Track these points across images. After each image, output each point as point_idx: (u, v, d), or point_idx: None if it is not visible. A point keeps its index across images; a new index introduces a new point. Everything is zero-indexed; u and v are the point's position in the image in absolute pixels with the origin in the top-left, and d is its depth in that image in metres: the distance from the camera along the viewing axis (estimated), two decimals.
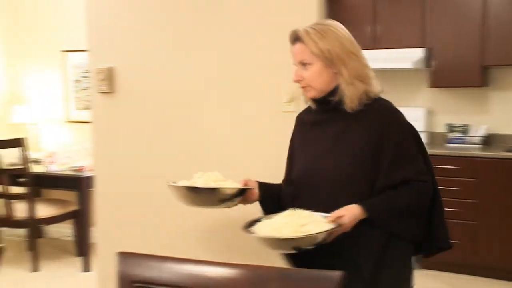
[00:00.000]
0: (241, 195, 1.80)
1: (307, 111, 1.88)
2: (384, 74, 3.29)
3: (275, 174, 1.93)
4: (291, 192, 1.83)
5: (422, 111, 4.53)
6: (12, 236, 4.69)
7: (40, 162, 4.52)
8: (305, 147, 1.84)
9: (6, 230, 4.45)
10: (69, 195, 4.42)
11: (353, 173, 1.71)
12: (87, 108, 4.71)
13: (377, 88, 1.78)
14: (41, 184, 4.33)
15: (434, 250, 1.85)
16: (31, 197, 4.11)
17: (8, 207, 4.16)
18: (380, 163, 1.70)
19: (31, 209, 4.08)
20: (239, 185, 1.80)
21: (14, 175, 4.18)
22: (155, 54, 2.68)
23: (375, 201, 1.70)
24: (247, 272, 1.14)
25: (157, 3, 2.52)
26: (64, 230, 4.87)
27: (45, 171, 4.34)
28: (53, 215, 4.24)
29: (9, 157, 4.24)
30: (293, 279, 1.11)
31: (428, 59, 4.28)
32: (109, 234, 2.92)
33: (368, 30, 4.36)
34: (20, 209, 4.14)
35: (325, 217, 1.63)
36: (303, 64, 1.75)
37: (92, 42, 2.79)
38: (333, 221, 1.60)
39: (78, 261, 4.23)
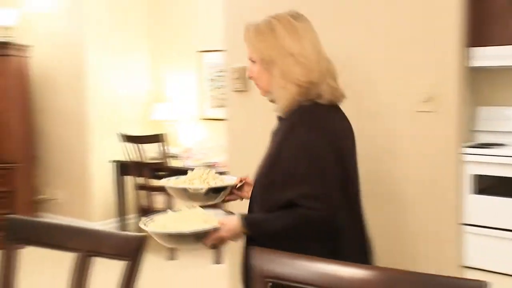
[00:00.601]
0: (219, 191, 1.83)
1: None
2: None
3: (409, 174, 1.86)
4: None
5: None
6: None
7: (177, 157, 4.79)
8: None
9: None
10: None
11: (264, 184, 1.64)
12: (221, 106, 4.90)
13: (324, 95, 1.60)
14: None
15: None
16: None
17: (149, 198, 4.47)
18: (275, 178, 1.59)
19: (169, 201, 4.35)
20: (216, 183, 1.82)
21: (154, 169, 4.48)
22: None
23: (257, 218, 1.63)
24: (380, 274, 1.12)
25: (296, 2, 2.54)
26: None
27: (181, 166, 4.59)
28: None
29: (150, 152, 4.55)
30: (428, 284, 1.07)
31: None
32: None
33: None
34: (159, 201, 4.43)
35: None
36: (252, 61, 1.68)
37: (228, 42, 2.89)
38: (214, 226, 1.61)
39: (211, 253, 4.42)
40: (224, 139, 3.10)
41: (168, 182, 1.90)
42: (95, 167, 5.15)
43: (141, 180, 4.54)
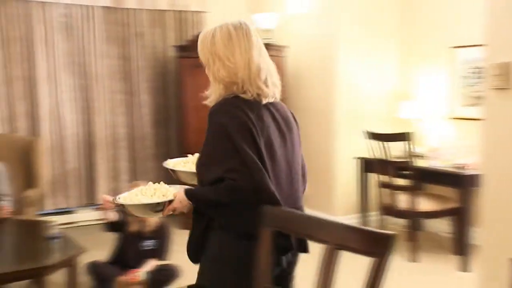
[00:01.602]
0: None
1: None
2: None
3: None
4: None
5: None
6: (394, 224, 4.95)
7: (423, 156, 4.63)
8: None
9: (389, 219, 4.73)
10: (450, 192, 4.39)
11: (199, 167, 1.91)
12: (474, 104, 4.57)
13: (248, 92, 1.84)
14: (423, 178, 4.41)
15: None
16: (413, 190, 4.26)
17: (392, 197, 4.41)
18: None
19: (413, 201, 4.23)
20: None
21: (398, 167, 4.40)
22: None
23: (196, 190, 1.90)
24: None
25: None
26: (443, 226, 4.89)
27: (427, 166, 4.42)
28: (433, 210, 4.30)
29: (395, 150, 4.48)
30: None
31: None
32: (496, 237, 2.76)
33: None
34: (403, 200, 4.34)
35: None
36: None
37: (490, 36, 2.67)
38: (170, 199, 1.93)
39: (455, 259, 4.18)
40: (475, 140, 2.89)
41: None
42: (340, 163, 5.28)
43: (384, 178, 4.51)
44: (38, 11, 5.08)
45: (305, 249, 1.99)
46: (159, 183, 2.09)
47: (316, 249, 1.69)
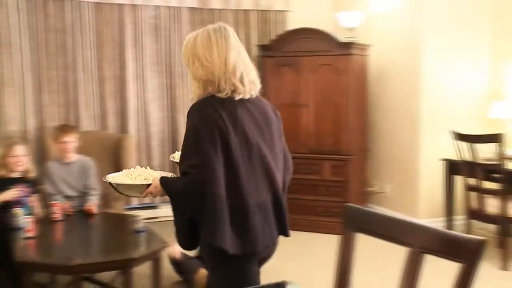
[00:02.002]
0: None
1: None
2: None
3: None
4: None
5: None
6: (482, 230, 4.73)
7: None
8: None
9: (476, 223, 4.52)
10: None
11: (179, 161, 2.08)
12: None
13: (223, 90, 2.01)
14: None
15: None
16: (504, 194, 4.05)
17: (480, 201, 4.21)
18: None
19: (503, 206, 4.01)
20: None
21: (488, 170, 4.19)
22: None
23: (167, 179, 2.15)
24: None
25: None
26: None
27: None
28: None
29: (484, 152, 4.28)
30: None
31: None
32: None
33: None
34: (492, 205, 4.13)
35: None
36: None
37: None
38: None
39: None
40: None
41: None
42: (424, 164, 5.11)
43: (472, 181, 4.32)
44: (130, 14, 5.30)
45: (285, 233, 2.21)
46: (146, 168, 2.43)
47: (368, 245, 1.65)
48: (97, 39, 5.20)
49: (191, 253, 3.70)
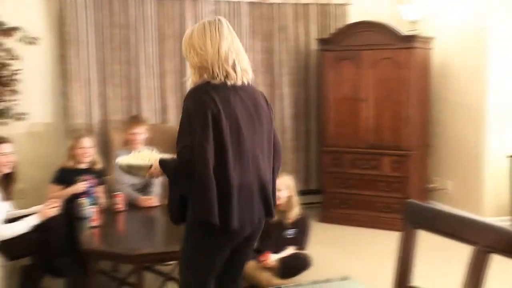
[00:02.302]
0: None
1: None
2: None
3: None
4: None
5: None
6: None
7: None
8: None
9: None
10: None
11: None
12: None
13: (217, 77, 2.15)
14: None
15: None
16: None
17: None
18: None
19: None
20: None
21: None
22: None
23: (165, 159, 2.28)
24: None
25: None
26: None
27: None
28: None
29: None
30: None
31: None
32: None
33: None
34: None
35: None
36: None
37: None
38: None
39: None
40: None
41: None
42: (490, 161, 4.94)
43: None
44: (190, 9, 5.38)
45: (270, 215, 2.33)
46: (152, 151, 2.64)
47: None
48: (159, 34, 5.32)
49: None
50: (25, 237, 3.24)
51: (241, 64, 2.23)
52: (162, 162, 2.26)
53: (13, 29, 4.75)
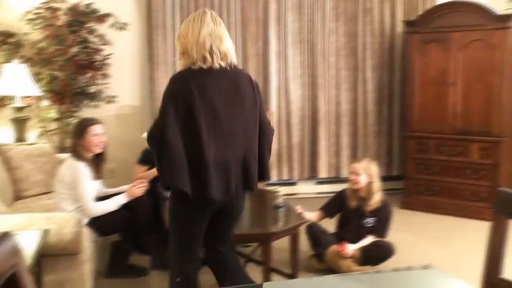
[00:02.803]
0: None
1: None
2: None
3: None
4: None
5: None
6: None
7: None
8: None
9: None
10: None
11: None
12: None
13: (197, 62, 2.36)
14: None
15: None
16: None
17: None
18: None
19: None
20: None
21: None
22: None
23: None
24: None
25: None
26: None
27: None
28: None
29: None
30: None
31: None
32: None
33: None
34: None
35: None
36: None
37: None
38: None
39: None
40: None
41: None
42: None
43: None
44: None
45: (251, 188, 2.44)
46: None
47: None
48: (242, 18, 5.36)
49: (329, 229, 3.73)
50: (114, 215, 3.40)
51: (219, 48, 2.39)
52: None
53: (106, 16, 4.97)
